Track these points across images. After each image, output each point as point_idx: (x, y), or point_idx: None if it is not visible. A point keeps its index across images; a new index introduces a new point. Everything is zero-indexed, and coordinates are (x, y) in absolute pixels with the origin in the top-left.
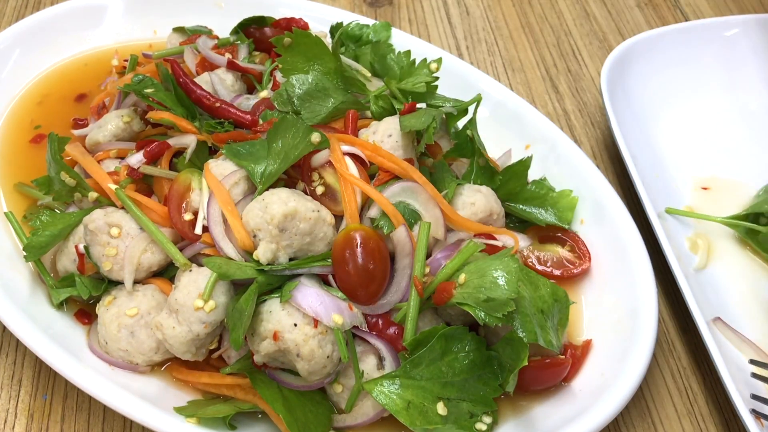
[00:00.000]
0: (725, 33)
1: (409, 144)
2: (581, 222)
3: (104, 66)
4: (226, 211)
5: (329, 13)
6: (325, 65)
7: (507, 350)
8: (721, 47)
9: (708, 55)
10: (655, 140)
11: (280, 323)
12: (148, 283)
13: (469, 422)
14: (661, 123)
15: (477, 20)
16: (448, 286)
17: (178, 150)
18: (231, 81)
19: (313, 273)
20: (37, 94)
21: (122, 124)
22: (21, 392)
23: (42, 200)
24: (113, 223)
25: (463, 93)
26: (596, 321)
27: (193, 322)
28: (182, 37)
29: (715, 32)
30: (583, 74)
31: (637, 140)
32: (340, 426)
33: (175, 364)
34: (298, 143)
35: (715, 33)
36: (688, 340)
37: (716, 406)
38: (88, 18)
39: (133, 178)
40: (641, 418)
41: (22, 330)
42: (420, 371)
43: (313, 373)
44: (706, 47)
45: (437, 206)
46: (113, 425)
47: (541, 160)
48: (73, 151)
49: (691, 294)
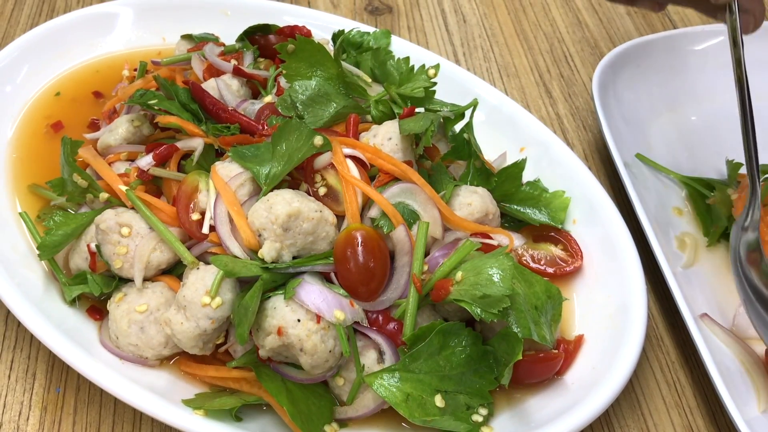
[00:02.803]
0: (711, 41)
1: (408, 147)
2: (573, 222)
3: (115, 72)
4: (233, 211)
5: (331, 20)
6: (327, 71)
7: (502, 345)
8: (708, 54)
9: (695, 62)
10: (645, 143)
11: (284, 319)
12: (157, 281)
13: (466, 414)
14: (651, 126)
15: (473, 28)
16: (446, 284)
17: (186, 153)
18: (237, 86)
19: (315, 271)
20: (50, 98)
21: (132, 128)
22: (35, 385)
23: (55, 201)
24: (124, 223)
25: (460, 98)
26: (588, 317)
27: (200, 318)
28: (190, 44)
29: (701, 40)
30: (576, 80)
31: (627, 143)
32: (342, 418)
33: (183, 358)
34: (302, 146)
35: (701, 40)
36: (676, 335)
37: (703, 399)
38: (99, 26)
39: (143, 180)
40: (631, 410)
41: (37, 326)
42: (418, 365)
43: (315, 367)
44: (693, 54)
45: (435, 207)
46: (123, 417)
47: (535, 162)
48: (85, 153)
49: (679, 291)
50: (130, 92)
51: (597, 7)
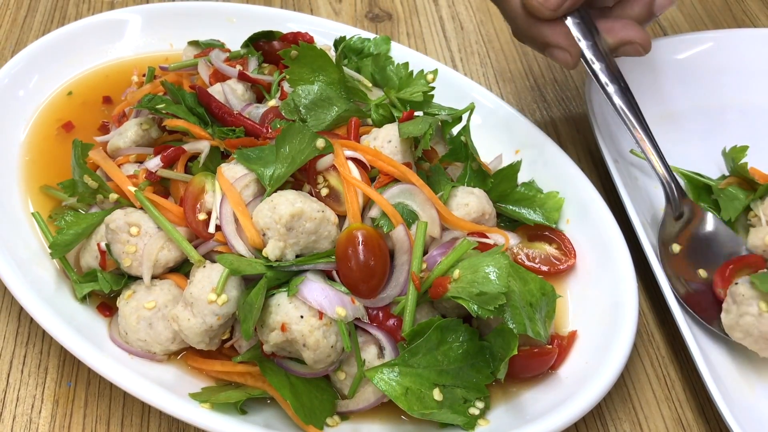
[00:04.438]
0: (700, 46)
1: (408, 149)
2: (567, 222)
3: (124, 77)
4: (238, 211)
5: (333, 27)
6: (329, 76)
7: (498, 340)
8: (696, 59)
9: (684, 66)
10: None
11: (288, 315)
12: (165, 278)
13: (463, 407)
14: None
15: (470, 34)
16: (444, 281)
17: (193, 155)
18: (242, 91)
19: (318, 269)
20: (61, 102)
21: (141, 131)
22: (47, 379)
23: (66, 201)
24: (132, 223)
25: (457, 102)
26: (581, 313)
27: (206, 315)
28: (196, 50)
29: (690, 45)
30: (569, 84)
31: (619, 146)
32: (343, 411)
33: (190, 353)
34: (304, 148)
35: (690, 46)
36: (667, 331)
37: (692, 393)
38: (109, 32)
39: (151, 181)
40: (623, 403)
41: (48, 322)
42: (417, 360)
43: (318, 362)
44: (682, 59)
45: (433, 207)
46: (132, 410)
47: (529, 164)
48: (95, 156)
49: (669, 288)
50: (138, 96)
51: None
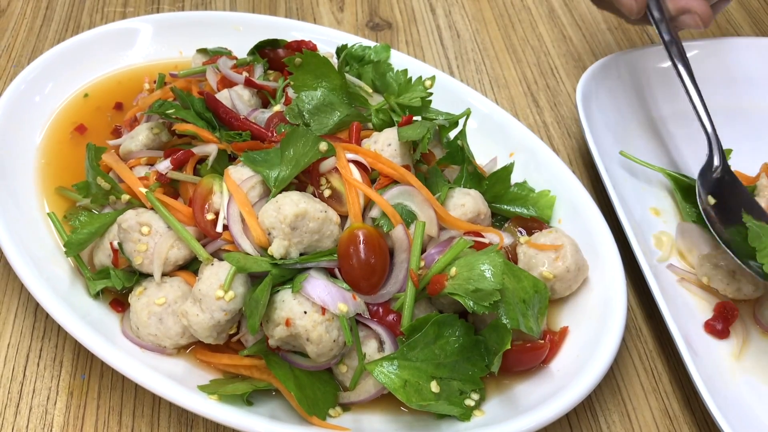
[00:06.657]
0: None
1: (407, 152)
2: (559, 221)
3: (136, 83)
4: (244, 211)
5: (335, 36)
6: (331, 82)
7: (493, 335)
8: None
9: (671, 74)
10: (625, 148)
11: (292, 311)
12: (175, 276)
13: (459, 399)
14: (630, 133)
15: (466, 42)
16: (441, 278)
17: (201, 157)
18: (248, 96)
19: (320, 267)
20: (76, 107)
21: (152, 135)
22: (62, 372)
23: (80, 202)
24: (144, 222)
25: (454, 107)
26: (572, 309)
27: (214, 310)
28: (205, 57)
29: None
30: (561, 90)
31: (608, 149)
32: (345, 402)
33: (199, 347)
34: (308, 151)
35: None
36: (654, 326)
37: (678, 385)
38: (121, 40)
39: (162, 183)
40: (612, 395)
41: (63, 317)
42: (415, 354)
43: (321, 355)
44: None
45: (431, 207)
46: (144, 402)
47: (523, 166)
48: (108, 158)
49: (656, 285)
50: (149, 102)
51: (580, 24)
